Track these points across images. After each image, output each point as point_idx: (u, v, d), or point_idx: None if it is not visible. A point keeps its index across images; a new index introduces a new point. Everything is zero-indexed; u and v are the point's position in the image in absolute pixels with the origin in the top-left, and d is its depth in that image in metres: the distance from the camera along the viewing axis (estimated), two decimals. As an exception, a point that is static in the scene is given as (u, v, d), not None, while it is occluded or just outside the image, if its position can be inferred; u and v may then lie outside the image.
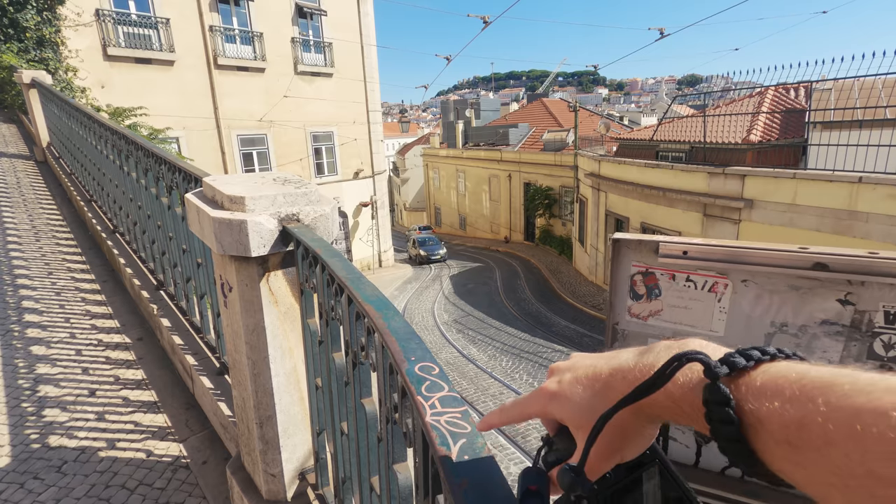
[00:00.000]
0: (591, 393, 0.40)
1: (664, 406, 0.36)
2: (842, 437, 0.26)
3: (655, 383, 0.36)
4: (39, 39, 10.73)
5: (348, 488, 1.49)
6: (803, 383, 0.29)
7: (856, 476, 0.26)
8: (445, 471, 0.52)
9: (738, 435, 0.31)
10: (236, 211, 1.59)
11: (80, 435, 2.46)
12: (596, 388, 0.40)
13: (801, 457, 0.28)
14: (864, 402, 0.26)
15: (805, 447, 0.28)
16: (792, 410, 0.29)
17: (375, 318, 0.91)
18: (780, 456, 0.30)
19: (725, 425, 0.32)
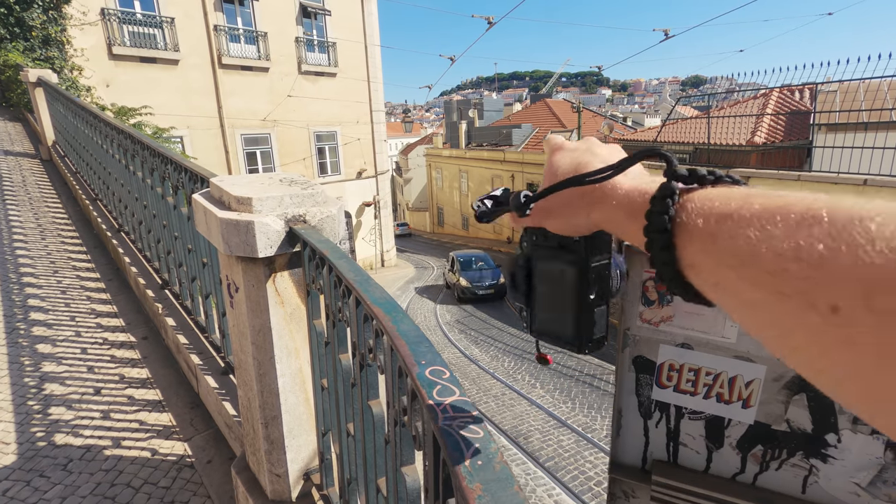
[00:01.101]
0: (569, 166, 0.46)
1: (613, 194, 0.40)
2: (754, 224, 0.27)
3: (612, 168, 0.40)
4: (45, 38, 10.78)
5: (354, 489, 1.50)
6: (749, 192, 0.30)
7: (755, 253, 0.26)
8: (459, 475, 0.52)
9: (668, 226, 0.33)
10: (243, 212, 1.60)
11: (85, 433, 2.47)
12: (574, 165, 0.45)
13: (713, 245, 0.29)
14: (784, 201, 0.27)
15: (721, 234, 0.29)
16: (723, 208, 0.30)
17: (384, 321, 0.92)
18: (696, 249, 0.31)
19: (660, 216, 0.33)
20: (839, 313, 0.22)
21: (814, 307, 0.23)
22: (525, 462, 6.84)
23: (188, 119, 14.57)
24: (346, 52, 18.27)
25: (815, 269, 0.23)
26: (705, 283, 0.31)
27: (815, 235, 0.24)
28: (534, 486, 6.26)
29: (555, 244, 0.49)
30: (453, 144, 34.20)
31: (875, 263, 0.21)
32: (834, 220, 0.24)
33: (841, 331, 0.22)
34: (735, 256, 0.28)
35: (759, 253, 0.26)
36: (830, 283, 0.22)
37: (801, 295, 0.24)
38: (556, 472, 6.56)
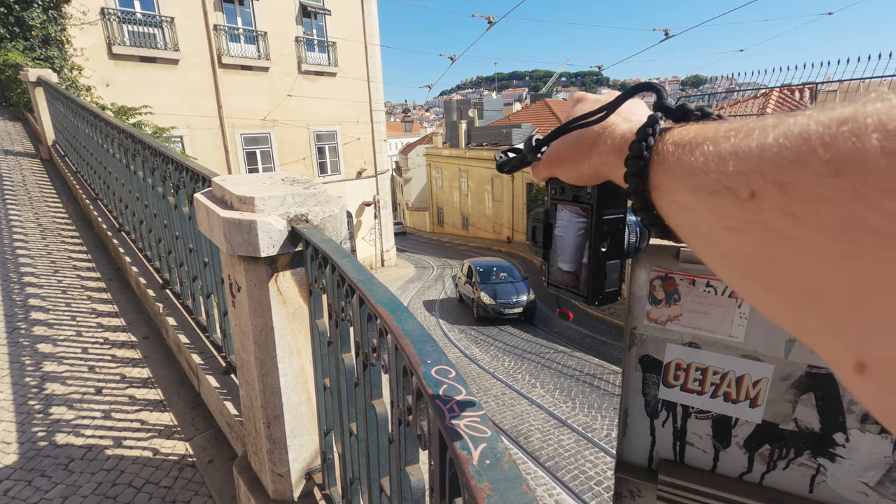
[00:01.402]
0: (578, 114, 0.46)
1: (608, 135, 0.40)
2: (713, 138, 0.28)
3: (603, 109, 0.41)
4: (45, 38, 10.77)
5: (356, 489, 1.50)
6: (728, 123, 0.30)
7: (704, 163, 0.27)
8: (468, 475, 0.52)
9: (645, 154, 0.33)
10: (246, 211, 1.60)
11: (86, 433, 2.47)
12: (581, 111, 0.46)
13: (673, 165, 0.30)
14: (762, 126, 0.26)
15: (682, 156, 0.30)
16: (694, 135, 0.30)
17: (389, 321, 0.91)
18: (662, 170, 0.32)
19: (638, 144, 0.34)
20: (755, 198, 0.23)
21: (735, 197, 0.24)
22: (525, 462, 6.84)
23: (188, 119, 14.57)
24: (345, 51, 18.27)
25: (745, 162, 0.24)
26: (664, 202, 0.32)
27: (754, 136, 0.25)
28: (534, 486, 6.26)
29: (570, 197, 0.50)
30: (453, 144, 34.20)
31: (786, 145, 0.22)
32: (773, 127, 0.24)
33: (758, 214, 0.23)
34: (686, 169, 0.29)
35: (704, 163, 0.27)
36: (747, 172, 0.24)
37: (724, 188, 0.25)
38: (557, 472, 6.56)
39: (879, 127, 0.19)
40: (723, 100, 15.16)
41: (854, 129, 0.20)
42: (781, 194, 0.22)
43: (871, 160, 0.18)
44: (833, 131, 0.20)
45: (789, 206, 0.22)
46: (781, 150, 0.22)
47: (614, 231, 0.50)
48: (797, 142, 0.22)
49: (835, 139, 0.20)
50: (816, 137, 0.21)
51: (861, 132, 0.19)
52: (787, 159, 0.22)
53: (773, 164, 0.23)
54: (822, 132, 0.21)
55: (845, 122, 0.20)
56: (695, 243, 0.29)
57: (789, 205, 0.22)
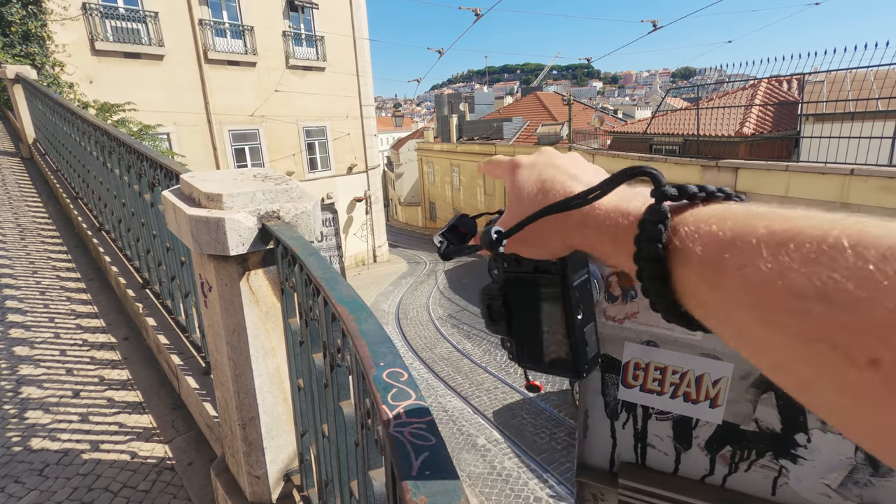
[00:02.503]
0: (536, 187, 0.42)
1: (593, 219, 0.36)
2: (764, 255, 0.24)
3: (595, 192, 0.36)
4: (25, 34, 10.54)
5: (331, 491, 1.47)
6: (748, 212, 0.27)
7: (770, 290, 0.23)
8: (404, 488, 0.49)
9: (661, 255, 0.29)
10: (213, 208, 1.55)
11: (63, 437, 2.42)
12: (542, 186, 0.41)
13: (719, 278, 0.26)
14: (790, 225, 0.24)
15: (726, 265, 0.26)
16: (723, 232, 0.27)
17: (348, 321, 0.88)
18: (697, 279, 0.28)
19: (651, 244, 0.30)
20: (879, 367, 0.19)
21: (848, 358, 0.20)
22: (518, 455, 6.86)
23: (174, 115, 14.36)
24: (334, 45, 18.07)
25: (847, 314, 0.20)
26: (713, 319, 0.28)
27: (841, 272, 0.21)
28: (526, 479, 6.28)
29: (530, 269, 0.46)
30: (444, 139, 34.06)
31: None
32: (860, 253, 0.20)
33: (881, 386, 0.19)
34: (747, 293, 0.24)
35: (775, 289, 0.23)
36: (866, 331, 0.19)
37: (830, 343, 0.21)
38: (549, 465, 6.58)
39: None
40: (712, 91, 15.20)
41: None
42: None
43: None
44: None
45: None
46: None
47: (585, 294, 0.47)
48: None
49: None
50: None
51: None
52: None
53: None
54: None
55: None
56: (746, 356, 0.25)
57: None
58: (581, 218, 0.37)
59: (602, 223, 0.35)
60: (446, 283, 19.04)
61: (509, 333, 0.50)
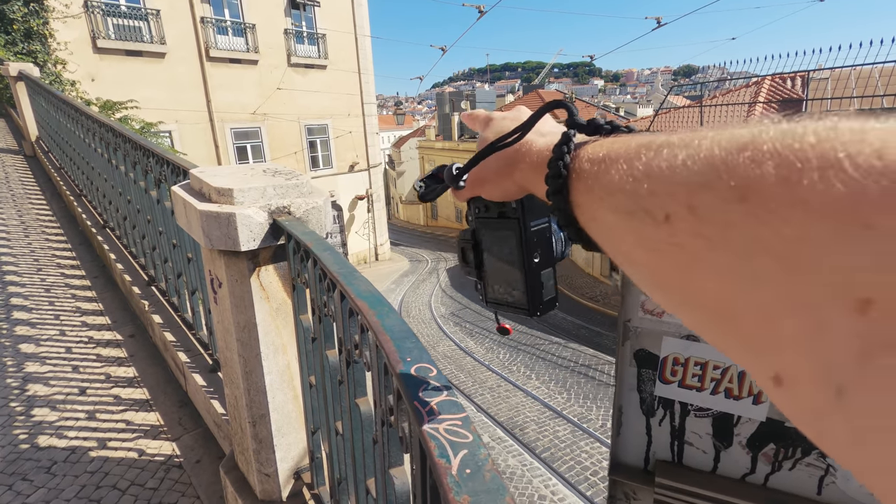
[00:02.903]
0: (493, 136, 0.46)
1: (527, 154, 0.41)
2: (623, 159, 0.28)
3: (519, 129, 0.42)
4: (27, 31, 10.52)
5: (344, 489, 1.45)
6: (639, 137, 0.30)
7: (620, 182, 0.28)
8: (445, 486, 0.47)
9: (563, 172, 0.34)
10: (224, 204, 1.53)
11: (70, 434, 2.41)
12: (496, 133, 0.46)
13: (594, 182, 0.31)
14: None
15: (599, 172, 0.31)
16: (608, 149, 0.31)
17: (369, 316, 0.86)
18: (581, 188, 0.32)
19: (556, 162, 0.35)
20: (670, 220, 0.24)
21: (652, 219, 0.25)
22: (521, 453, 6.84)
23: (176, 113, 14.33)
24: (335, 43, 18.03)
25: (658, 183, 0.25)
26: (586, 219, 0.33)
27: (664, 155, 0.25)
28: (530, 477, 6.27)
29: (495, 214, 0.50)
30: (446, 136, 34.02)
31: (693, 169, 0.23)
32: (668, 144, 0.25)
33: (672, 236, 0.24)
34: (605, 188, 0.30)
35: (622, 181, 0.28)
36: (661, 193, 0.24)
37: (642, 210, 0.26)
38: (553, 463, 6.57)
39: (775, 154, 0.20)
40: (715, 89, 15.14)
41: (754, 156, 0.20)
42: (693, 217, 0.23)
43: (771, 187, 0.19)
44: (735, 158, 0.21)
45: (701, 229, 0.22)
46: (690, 173, 0.23)
47: (543, 240, 0.50)
48: (704, 166, 0.23)
49: (737, 165, 0.21)
50: (721, 162, 0.22)
51: (760, 159, 0.20)
52: (695, 183, 0.23)
53: (684, 188, 0.23)
54: (725, 157, 0.22)
55: (745, 149, 0.21)
56: (618, 259, 0.30)
57: (701, 228, 0.22)
58: (520, 157, 0.42)
59: (533, 157, 0.41)
60: (448, 282, 19.03)
61: (479, 276, 0.54)
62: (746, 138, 0.21)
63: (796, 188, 0.19)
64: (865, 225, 0.17)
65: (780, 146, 0.20)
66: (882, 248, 0.16)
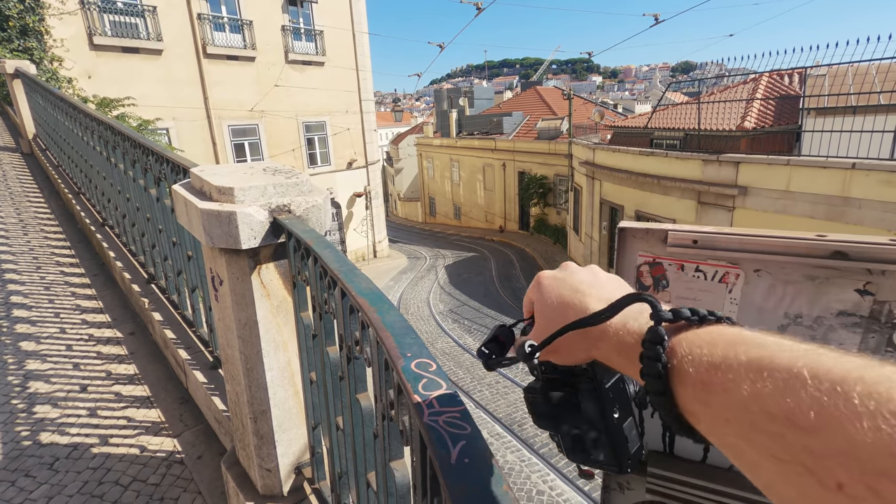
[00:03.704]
0: (559, 304, 0.47)
1: (606, 336, 0.42)
2: (744, 379, 0.28)
3: (604, 314, 0.42)
4: (23, 28, 10.47)
5: (345, 483, 1.47)
6: (733, 338, 0.31)
7: (749, 411, 0.27)
8: (444, 475, 0.49)
9: (662, 373, 0.34)
10: (225, 202, 1.55)
11: (71, 431, 2.42)
12: (563, 304, 0.47)
13: (709, 396, 0.30)
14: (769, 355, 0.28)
15: (714, 386, 0.30)
16: (711, 356, 0.31)
17: (370, 313, 0.88)
18: (692, 396, 0.32)
19: (653, 362, 0.34)
20: (844, 491, 0.22)
21: (819, 481, 0.23)
22: (520, 449, 6.89)
23: (174, 110, 14.31)
24: (333, 40, 17.99)
25: (812, 438, 0.24)
26: (706, 431, 0.32)
27: (804, 400, 0.24)
28: (528, 473, 6.32)
29: (565, 373, 0.50)
30: (444, 133, 33.98)
31: (866, 442, 0.21)
32: (818, 383, 0.25)
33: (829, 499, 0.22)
34: (730, 410, 0.29)
35: (751, 411, 0.27)
36: (829, 456, 0.23)
37: (801, 465, 0.24)
38: (551, 459, 6.62)
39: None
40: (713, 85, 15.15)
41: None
42: (877, 500, 0.21)
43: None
44: None
45: None
46: (875, 449, 0.21)
47: (619, 393, 0.49)
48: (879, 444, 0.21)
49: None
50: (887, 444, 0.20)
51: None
52: (875, 468, 0.21)
53: (858, 464, 0.21)
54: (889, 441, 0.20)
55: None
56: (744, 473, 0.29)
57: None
58: (598, 334, 0.42)
59: (613, 340, 0.41)
60: (447, 279, 19.06)
61: (556, 429, 0.52)
62: None
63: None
64: None
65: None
66: None
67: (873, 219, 7.49)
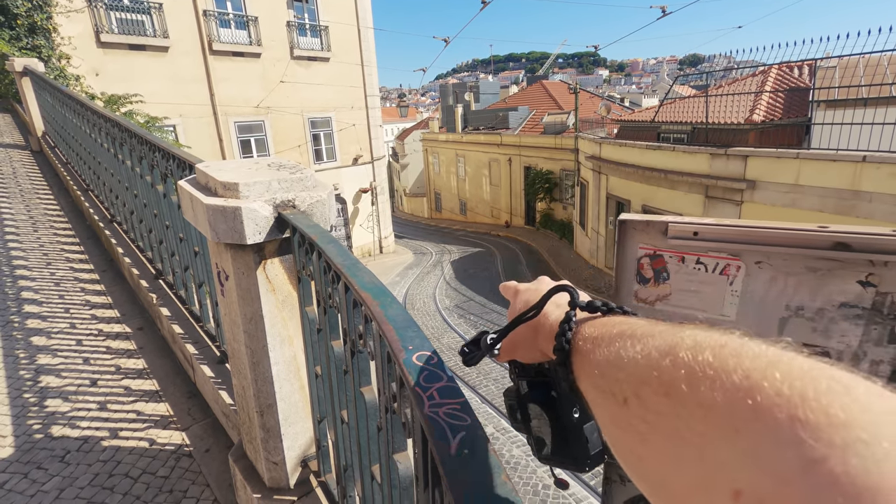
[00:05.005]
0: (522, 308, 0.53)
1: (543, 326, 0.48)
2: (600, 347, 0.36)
3: (537, 305, 0.50)
4: (31, 26, 10.56)
5: (350, 476, 1.49)
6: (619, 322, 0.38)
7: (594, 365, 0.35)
8: (443, 466, 0.50)
9: (566, 347, 0.41)
10: (230, 198, 1.56)
11: (82, 425, 2.46)
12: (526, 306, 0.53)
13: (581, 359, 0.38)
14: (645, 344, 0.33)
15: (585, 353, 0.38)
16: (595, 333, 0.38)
17: (372, 306, 0.89)
18: (576, 363, 0.39)
19: (560, 338, 0.41)
20: (627, 403, 0.29)
21: (615, 400, 0.31)
22: (525, 444, 6.90)
23: (180, 107, 14.38)
24: (338, 35, 17.97)
25: (618, 371, 0.31)
26: (583, 390, 0.38)
27: (621, 350, 0.32)
28: (534, 468, 6.33)
29: (532, 373, 0.53)
30: (449, 129, 33.90)
31: (639, 364, 0.29)
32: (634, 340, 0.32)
33: (632, 418, 0.29)
34: (592, 367, 0.36)
35: (595, 365, 0.35)
36: (623, 380, 0.30)
37: (610, 392, 0.32)
38: (557, 453, 6.62)
39: (686, 363, 0.26)
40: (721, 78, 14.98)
41: (674, 362, 0.27)
42: (640, 404, 0.28)
43: (682, 389, 0.25)
44: (664, 360, 0.27)
45: (646, 415, 0.27)
46: (637, 367, 0.29)
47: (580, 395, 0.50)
48: (645, 363, 0.29)
49: (664, 368, 0.27)
50: (654, 363, 0.28)
51: (678, 365, 0.26)
52: (639, 377, 0.29)
53: (634, 378, 0.29)
54: (658, 358, 0.28)
55: (670, 353, 0.27)
56: (602, 427, 0.35)
57: (646, 414, 0.27)
58: (538, 326, 0.49)
59: (546, 329, 0.47)
60: (453, 274, 19.06)
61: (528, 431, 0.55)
62: (671, 344, 0.28)
63: (697, 393, 0.24)
64: (735, 429, 0.22)
65: (690, 357, 0.26)
66: (747, 448, 0.21)
67: (884, 212, 7.40)
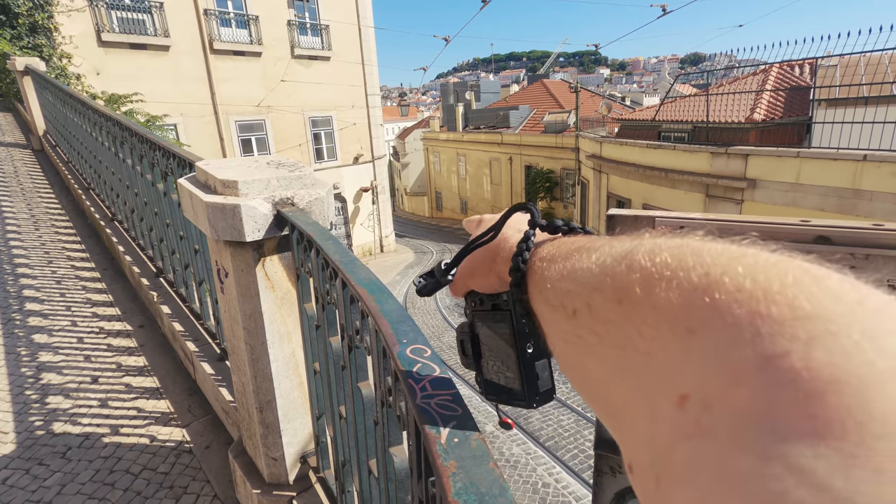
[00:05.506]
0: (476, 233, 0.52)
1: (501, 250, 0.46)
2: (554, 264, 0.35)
3: (494, 226, 0.47)
4: (32, 25, 10.57)
5: (348, 471, 1.50)
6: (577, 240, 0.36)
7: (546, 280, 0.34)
8: (434, 453, 0.51)
9: (522, 266, 0.39)
10: (230, 195, 1.57)
11: (83, 421, 2.48)
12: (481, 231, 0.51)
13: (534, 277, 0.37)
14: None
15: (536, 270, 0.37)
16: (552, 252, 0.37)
17: (368, 302, 0.90)
18: (530, 282, 0.38)
19: (517, 258, 0.40)
20: (576, 315, 0.28)
21: (565, 313, 0.30)
22: (525, 442, 6.92)
23: (181, 106, 14.39)
24: (339, 34, 17.97)
25: (568, 283, 0.31)
26: (536, 309, 0.37)
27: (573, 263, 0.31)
28: (534, 466, 6.35)
29: (489, 306, 0.51)
30: (450, 128, 33.89)
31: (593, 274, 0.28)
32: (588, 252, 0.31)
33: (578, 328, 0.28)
34: (543, 283, 0.35)
35: (554, 279, 0.33)
36: (573, 291, 0.30)
37: (561, 305, 0.31)
38: (556, 451, 6.64)
39: (642, 266, 0.24)
40: (722, 77, 14.96)
41: (629, 265, 0.25)
42: (589, 314, 0.27)
43: (636, 293, 0.24)
44: (618, 266, 0.26)
45: (594, 325, 0.26)
46: (591, 276, 0.28)
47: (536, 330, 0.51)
48: (599, 271, 0.28)
49: (618, 273, 0.26)
50: (608, 269, 0.27)
51: (633, 269, 0.25)
52: (591, 285, 0.28)
53: (585, 288, 0.28)
54: (612, 264, 0.27)
55: (625, 258, 0.26)
56: (551, 347, 0.34)
57: (594, 324, 0.27)
58: (497, 251, 0.47)
59: (504, 253, 0.45)
60: (453, 273, 19.04)
61: (477, 368, 0.53)
62: (628, 249, 0.26)
63: (651, 295, 0.23)
64: (689, 329, 0.20)
65: (647, 259, 0.24)
66: (699, 350, 0.20)
67: (884, 211, 7.39)
